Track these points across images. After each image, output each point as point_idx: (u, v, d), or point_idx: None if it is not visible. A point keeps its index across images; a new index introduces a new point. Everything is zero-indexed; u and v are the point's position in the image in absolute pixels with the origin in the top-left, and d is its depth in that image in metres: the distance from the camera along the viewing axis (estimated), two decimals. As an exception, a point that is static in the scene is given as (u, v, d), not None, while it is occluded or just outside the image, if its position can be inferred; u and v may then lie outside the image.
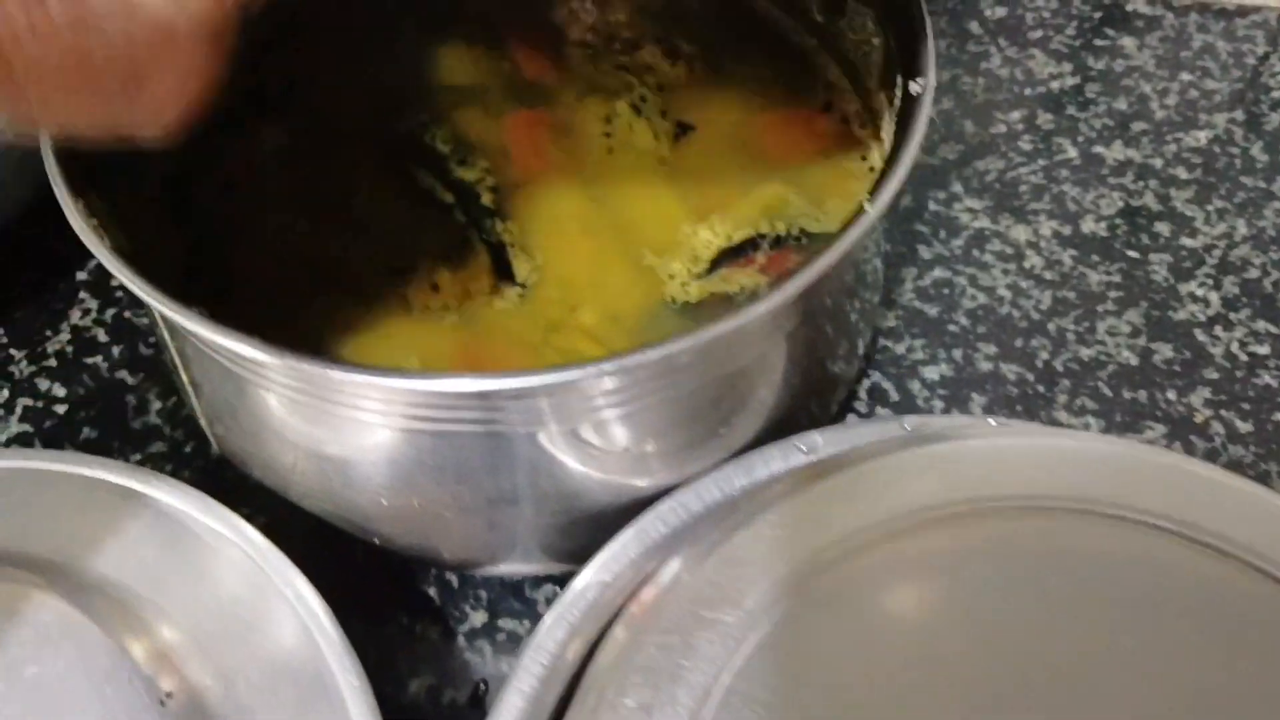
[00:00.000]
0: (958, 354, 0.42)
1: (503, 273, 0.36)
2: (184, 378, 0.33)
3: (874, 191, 0.29)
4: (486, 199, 0.38)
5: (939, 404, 0.41)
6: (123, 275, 0.27)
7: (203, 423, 0.36)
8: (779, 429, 0.33)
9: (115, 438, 0.44)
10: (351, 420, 0.28)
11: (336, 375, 0.26)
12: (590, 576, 0.30)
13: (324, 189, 0.38)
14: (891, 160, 0.29)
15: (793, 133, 0.41)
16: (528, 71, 0.42)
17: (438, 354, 0.35)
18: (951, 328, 0.43)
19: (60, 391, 0.45)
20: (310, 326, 0.35)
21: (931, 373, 0.42)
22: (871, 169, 0.39)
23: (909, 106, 0.31)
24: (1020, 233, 0.46)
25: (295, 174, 0.39)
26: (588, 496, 0.31)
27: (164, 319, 0.30)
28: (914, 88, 0.31)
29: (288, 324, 0.35)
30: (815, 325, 0.31)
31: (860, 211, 0.28)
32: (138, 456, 0.43)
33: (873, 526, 0.27)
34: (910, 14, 0.33)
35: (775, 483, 0.30)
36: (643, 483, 0.31)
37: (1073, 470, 0.28)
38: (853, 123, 0.41)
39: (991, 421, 0.32)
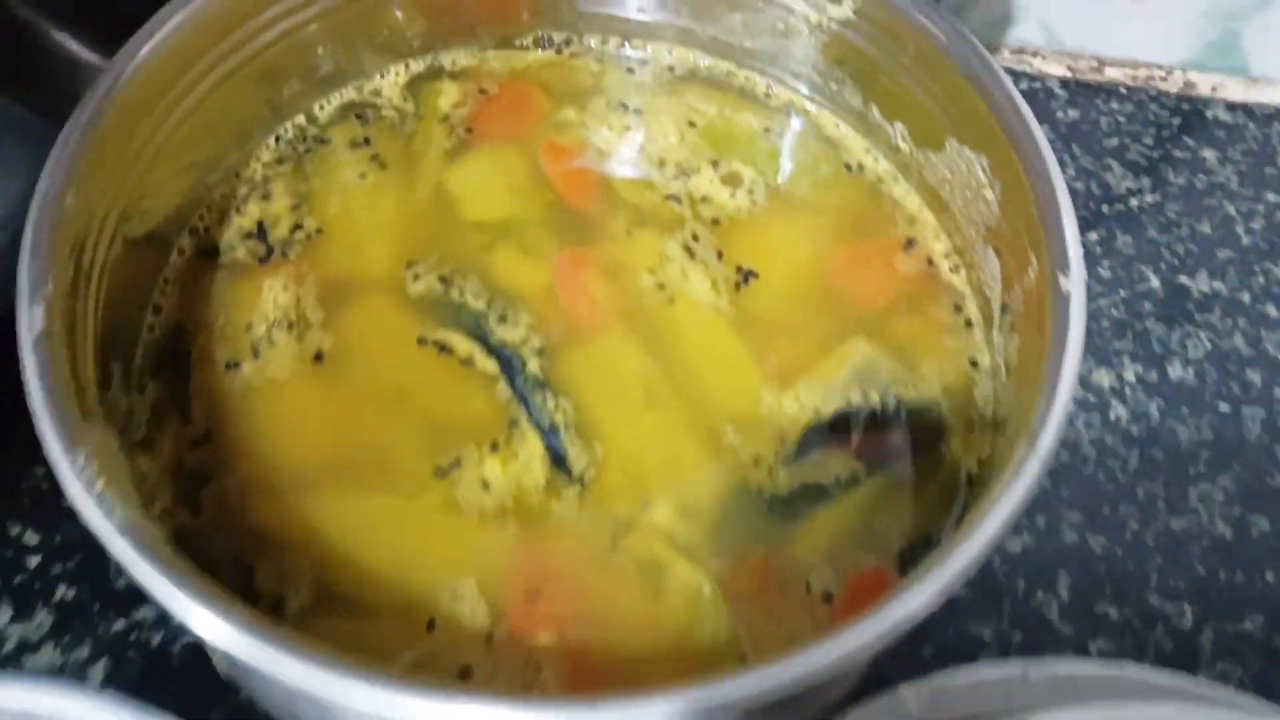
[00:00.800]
0: (1040, 521, 0.39)
1: (558, 461, 0.32)
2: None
3: (1038, 428, 0.24)
4: (533, 365, 0.33)
5: (1021, 583, 0.38)
6: (155, 588, 0.21)
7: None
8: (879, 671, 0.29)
9: (96, 598, 0.39)
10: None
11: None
12: None
13: (344, 358, 0.33)
14: (1051, 385, 0.25)
15: (870, 273, 0.37)
16: (570, 200, 0.37)
17: (495, 569, 0.30)
18: (1033, 490, 0.40)
19: (33, 539, 0.39)
20: (341, 528, 0.30)
21: (1012, 544, 0.38)
22: (969, 322, 0.35)
23: (1058, 310, 0.26)
24: (1103, 377, 0.42)
25: (308, 340, 0.33)
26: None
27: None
28: (1063, 284, 0.27)
29: (314, 528, 0.31)
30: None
31: (1025, 455, 0.24)
32: (121, 624, 0.38)
33: None
34: (1043, 182, 0.29)
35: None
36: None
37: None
38: (940, 265, 0.36)
39: (1121, 671, 0.29)
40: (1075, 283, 0.26)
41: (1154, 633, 0.37)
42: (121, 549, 0.22)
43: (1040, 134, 0.29)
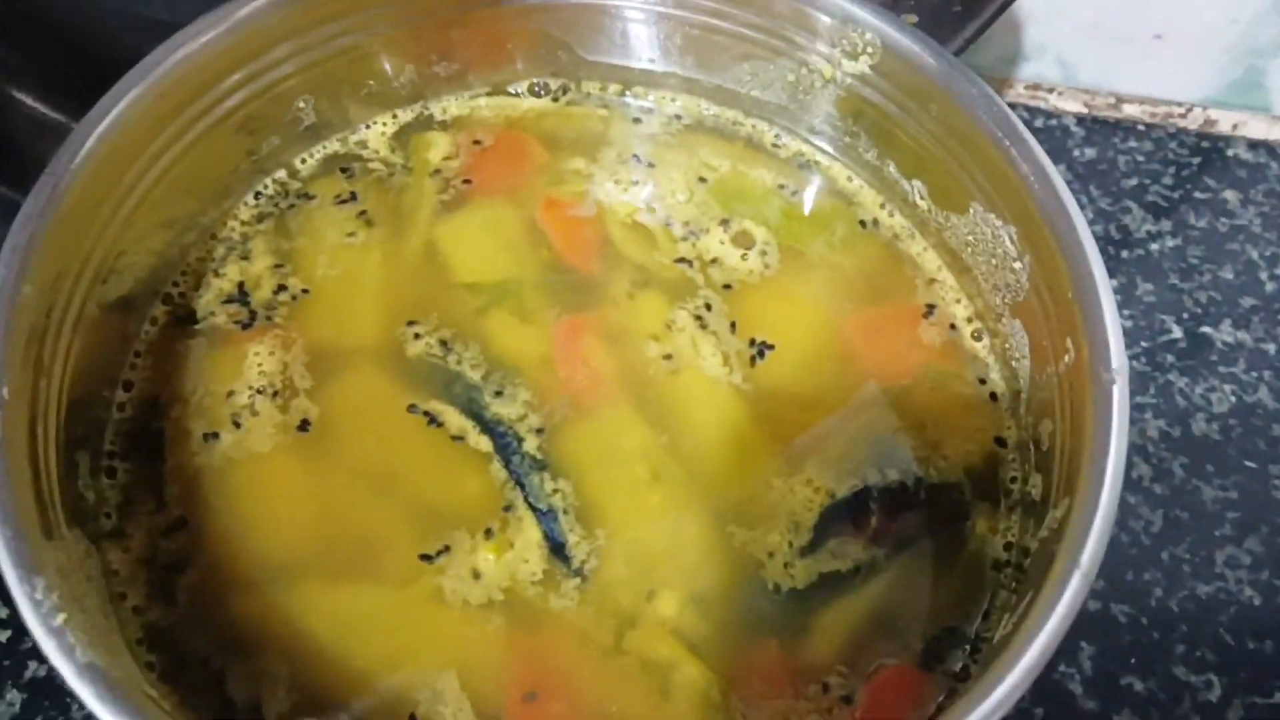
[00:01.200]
0: (1061, 590, 0.37)
1: (557, 549, 0.30)
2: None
3: (1081, 544, 0.23)
4: (531, 444, 0.31)
5: (1043, 657, 0.36)
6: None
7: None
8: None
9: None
10: None
11: None
12: None
13: (330, 430, 0.31)
14: (1093, 497, 0.23)
15: (889, 341, 0.35)
16: (569, 258, 0.35)
17: (483, 664, 0.28)
18: (1053, 557, 0.38)
19: (2, 612, 0.37)
20: (324, 620, 0.29)
21: (1033, 615, 0.37)
22: (994, 395, 0.33)
23: (1100, 407, 0.25)
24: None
25: (293, 409, 0.32)
26: None
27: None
28: (1105, 377, 0.25)
29: (295, 621, 0.29)
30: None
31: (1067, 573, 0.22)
32: (99, 706, 0.36)
33: None
34: (1081, 268, 0.27)
35: None
36: None
37: None
38: (963, 330, 0.34)
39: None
40: (1119, 382, 0.24)
41: (1181, 706, 0.36)
42: (84, 692, 0.20)
43: (1079, 214, 0.27)
